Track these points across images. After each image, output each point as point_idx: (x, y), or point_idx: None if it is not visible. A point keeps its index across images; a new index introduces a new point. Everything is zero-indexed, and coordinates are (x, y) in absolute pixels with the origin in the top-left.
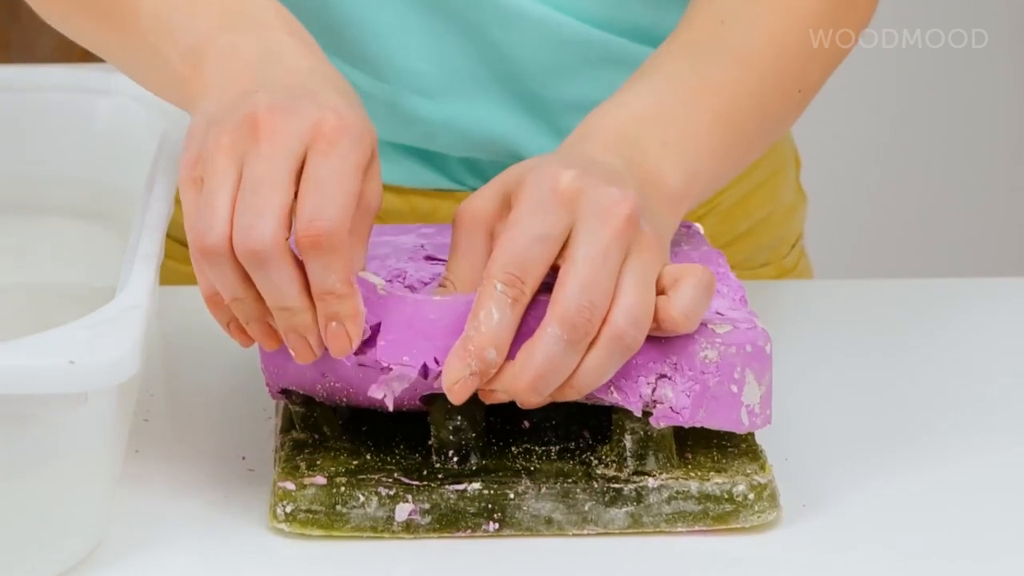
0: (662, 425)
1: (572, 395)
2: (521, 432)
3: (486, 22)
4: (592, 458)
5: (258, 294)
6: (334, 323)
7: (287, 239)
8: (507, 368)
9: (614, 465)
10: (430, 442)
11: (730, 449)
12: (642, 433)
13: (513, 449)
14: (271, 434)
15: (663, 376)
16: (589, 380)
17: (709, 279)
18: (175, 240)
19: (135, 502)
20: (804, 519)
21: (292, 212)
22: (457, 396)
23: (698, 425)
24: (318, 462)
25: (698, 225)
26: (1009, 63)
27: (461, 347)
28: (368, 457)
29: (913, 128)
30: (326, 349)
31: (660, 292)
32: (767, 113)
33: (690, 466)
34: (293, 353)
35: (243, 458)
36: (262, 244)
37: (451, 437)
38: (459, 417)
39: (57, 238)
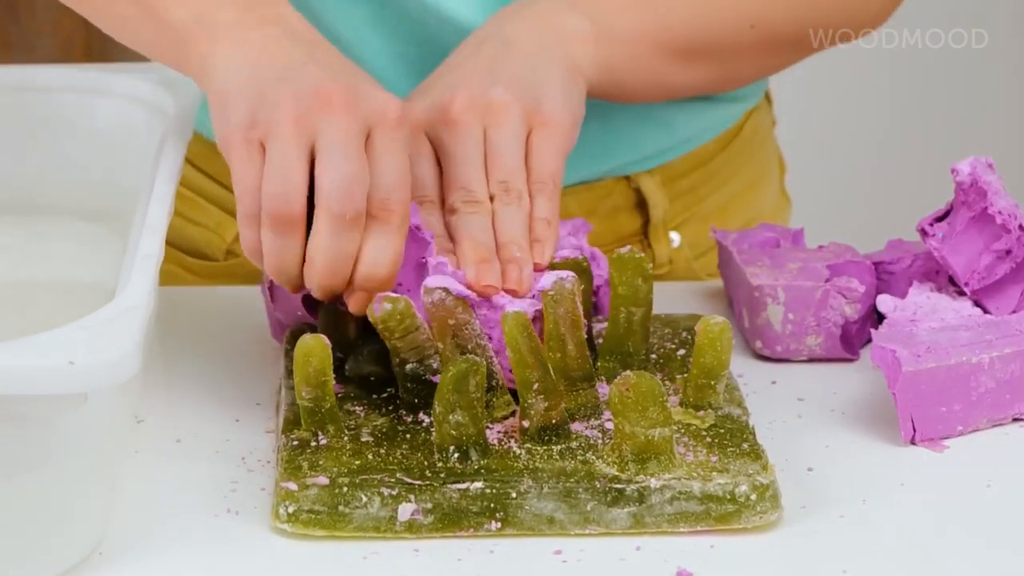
0: None
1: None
2: (523, 432)
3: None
4: (594, 457)
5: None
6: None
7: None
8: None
9: (616, 466)
10: (432, 437)
11: (731, 450)
12: (642, 438)
13: (515, 448)
14: (271, 434)
15: None
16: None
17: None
18: (173, 246)
19: (135, 502)
20: (804, 519)
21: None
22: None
23: None
24: (320, 462)
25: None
26: (1009, 63)
27: None
28: (370, 457)
29: (912, 128)
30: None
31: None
32: (712, 32)
33: (692, 466)
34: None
35: (243, 458)
36: (356, 209)
37: (452, 432)
38: (460, 412)
39: (58, 238)
